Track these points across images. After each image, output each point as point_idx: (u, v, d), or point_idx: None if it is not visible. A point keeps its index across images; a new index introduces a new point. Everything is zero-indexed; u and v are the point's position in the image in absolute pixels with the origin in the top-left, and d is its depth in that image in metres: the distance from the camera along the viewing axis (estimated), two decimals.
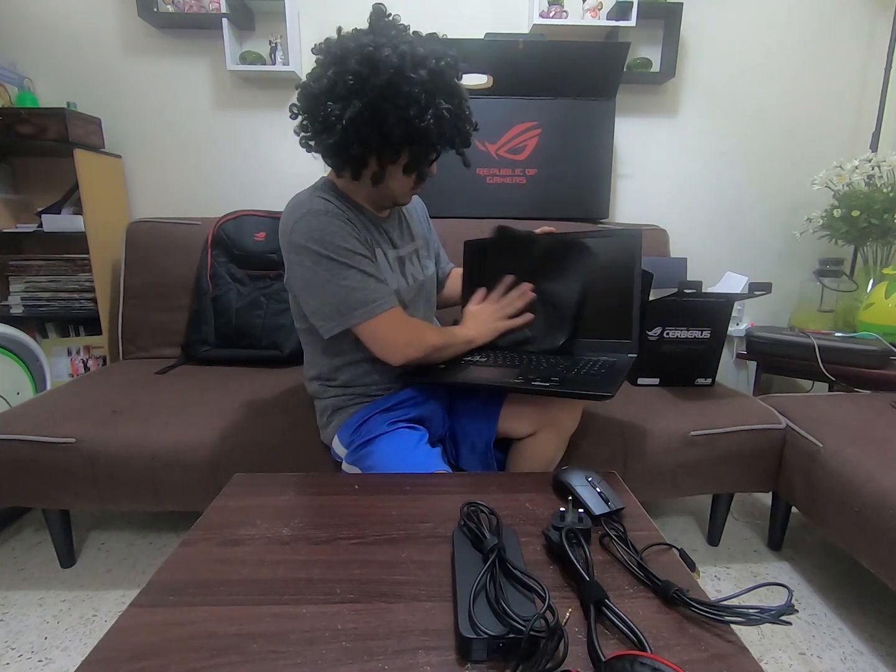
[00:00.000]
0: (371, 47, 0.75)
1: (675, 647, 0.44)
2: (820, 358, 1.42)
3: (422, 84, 0.75)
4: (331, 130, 0.78)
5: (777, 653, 1.00)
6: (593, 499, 0.64)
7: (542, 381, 0.83)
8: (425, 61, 0.76)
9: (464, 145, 0.87)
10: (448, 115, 0.78)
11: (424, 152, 0.83)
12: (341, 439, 0.97)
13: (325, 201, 0.84)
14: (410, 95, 0.75)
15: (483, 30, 1.72)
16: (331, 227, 0.82)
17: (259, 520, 0.63)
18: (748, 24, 1.82)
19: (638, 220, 1.88)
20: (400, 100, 0.75)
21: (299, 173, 1.84)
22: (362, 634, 0.45)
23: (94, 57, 1.73)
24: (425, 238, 1.08)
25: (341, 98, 0.76)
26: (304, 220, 0.82)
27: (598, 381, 0.82)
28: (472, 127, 0.87)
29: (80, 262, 1.65)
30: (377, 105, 0.75)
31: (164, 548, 1.31)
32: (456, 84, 0.81)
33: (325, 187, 0.89)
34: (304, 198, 0.85)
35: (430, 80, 0.76)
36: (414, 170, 0.84)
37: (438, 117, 0.77)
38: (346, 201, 0.89)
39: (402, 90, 0.75)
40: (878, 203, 1.60)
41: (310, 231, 0.81)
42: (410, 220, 1.04)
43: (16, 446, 1.06)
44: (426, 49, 0.77)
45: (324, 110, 0.77)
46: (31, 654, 0.99)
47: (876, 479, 0.93)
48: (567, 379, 0.84)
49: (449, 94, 0.79)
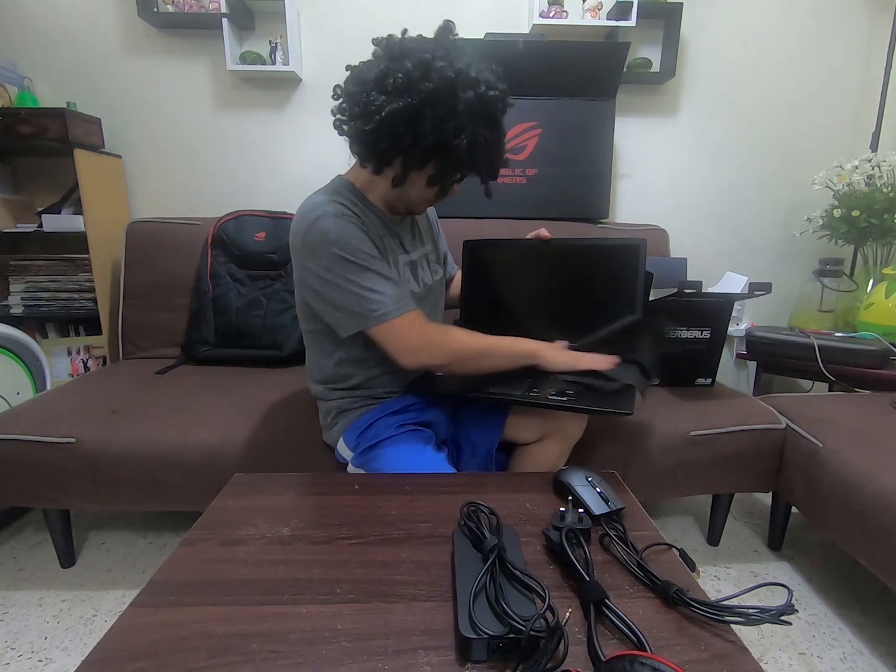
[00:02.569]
0: (429, 55, 0.76)
1: (675, 647, 0.44)
2: (820, 358, 1.42)
3: (467, 103, 0.76)
4: (368, 118, 0.78)
5: (777, 653, 1.00)
6: (593, 499, 0.64)
7: (557, 394, 0.83)
8: (477, 85, 0.77)
9: (490, 176, 0.88)
10: (483, 141, 0.79)
11: (450, 169, 0.83)
12: (347, 441, 0.96)
13: (341, 205, 0.83)
14: (453, 110, 0.76)
15: (483, 30, 1.71)
16: (347, 230, 0.82)
17: (259, 520, 0.63)
18: (748, 25, 1.82)
19: (638, 220, 1.88)
20: (441, 110, 0.76)
21: (299, 173, 1.84)
22: (362, 634, 0.45)
23: (94, 57, 1.73)
24: (434, 242, 1.09)
25: (387, 91, 0.77)
26: (320, 221, 0.81)
27: (614, 395, 0.82)
28: (503, 162, 0.88)
29: (80, 262, 1.65)
30: (418, 108, 0.76)
31: (164, 548, 1.31)
32: (498, 117, 0.82)
33: (341, 188, 0.88)
34: (320, 200, 0.84)
35: (475, 103, 0.77)
36: (437, 183, 0.84)
37: (473, 140, 0.78)
38: (362, 202, 0.89)
39: (446, 102, 0.76)
40: (878, 203, 1.60)
41: (326, 232, 0.81)
42: (421, 225, 1.04)
43: (16, 446, 1.06)
44: (481, 75, 0.78)
45: (366, 97, 0.78)
46: (31, 654, 0.99)
47: (876, 479, 0.93)
48: (582, 394, 0.83)
49: (489, 124, 0.80)
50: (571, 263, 1.03)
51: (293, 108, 1.81)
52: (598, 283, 1.00)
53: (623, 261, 0.96)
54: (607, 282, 0.98)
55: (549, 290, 1.04)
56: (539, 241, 1.04)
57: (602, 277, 0.99)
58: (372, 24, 1.70)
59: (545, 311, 1.05)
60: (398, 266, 0.92)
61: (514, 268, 1.08)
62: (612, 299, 0.98)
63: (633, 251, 0.95)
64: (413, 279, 0.95)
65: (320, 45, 1.75)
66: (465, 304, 1.12)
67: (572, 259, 1.03)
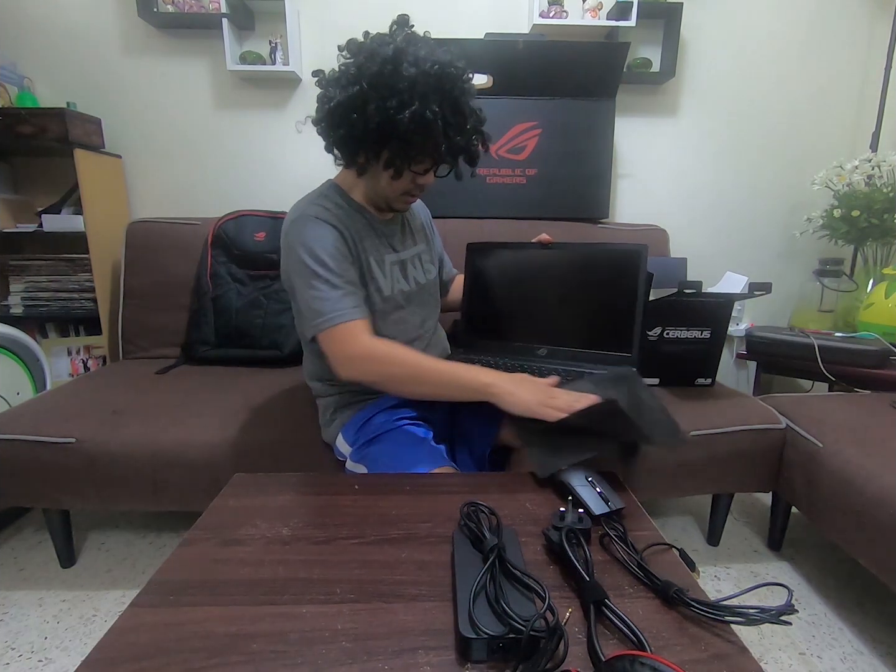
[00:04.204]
0: (377, 43, 0.79)
1: (675, 647, 0.44)
2: (820, 358, 1.42)
3: (409, 80, 0.76)
4: (324, 113, 0.82)
5: (777, 653, 1.00)
6: (593, 499, 0.64)
7: None
8: (421, 62, 0.77)
9: (451, 156, 0.85)
10: (431, 118, 0.77)
11: (402, 150, 0.81)
12: (346, 437, 0.97)
13: (322, 208, 0.86)
14: (394, 88, 0.76)
15: (483, 30, 1.71)
16: (316, 233, 0.84)
17: (259, 520, 0.63)
18: (748, 25, 1.82)
19: (638, 220, 1.88)
20: (383, 90, 0.77)
21: (299, 173, 1.84)
22: (362, 634, 0.45)
23: (94, 57, 1.73)
24: (429, 242, 1.09)
25: (341, 85, 0.79)
26: (297, 223, 0.85)
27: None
28: (470, 142, 0.85)
29: (80, 262, 1.65)
30: (366, 92, 0.78)
31: (164, 548, 1.31)
32: (453, 95, 0.79)
33: (327, 190, 0.91)
34: (304, 203, 0.88)
35: (419, 80, 0.76)
36: (392, 166, 0.83)
37: (419, 117, 0.76)
38: (347, 203, 0.91)
39: (387, 81, 0.76)
40: (878, 203, 1.60)
41: (298, 235, 0.84)
42: (413, 225, 1.05)
43: (16, 446, 1.06)
44: (429, 54, 0.78)
45: (324, 94, 0.82)
46: (31, 654, 0.99)
47: (876, 479, 0.93)
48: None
49: (440, 101, 0.78)
50: (573, 268, 1.03)
51: (293, 108, 1.81)
52: (599, 288, 1.00)
53: (624, 266, 0.97)
54: (608, 286, 0.99)
55: (550, 294, 1.05)
56: (541, 245, 1.05)
57: (603, 282, 0.99)
58: (372, 23, 1.69)
59: (546, 315, 1.05)
60: (383, 266, 0.92)
61: (516, 271, 1.08)
62: (612, 304, 0.98)
63: (635, 256, 0.95)
64: (403, 278, 0.96)
65: (320, 45, 1.75)
66: (467, 306, 1.12)
67: (573, 264, 1.03)
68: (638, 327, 0.95)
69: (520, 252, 1.08)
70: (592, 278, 1.01)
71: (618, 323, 0.97)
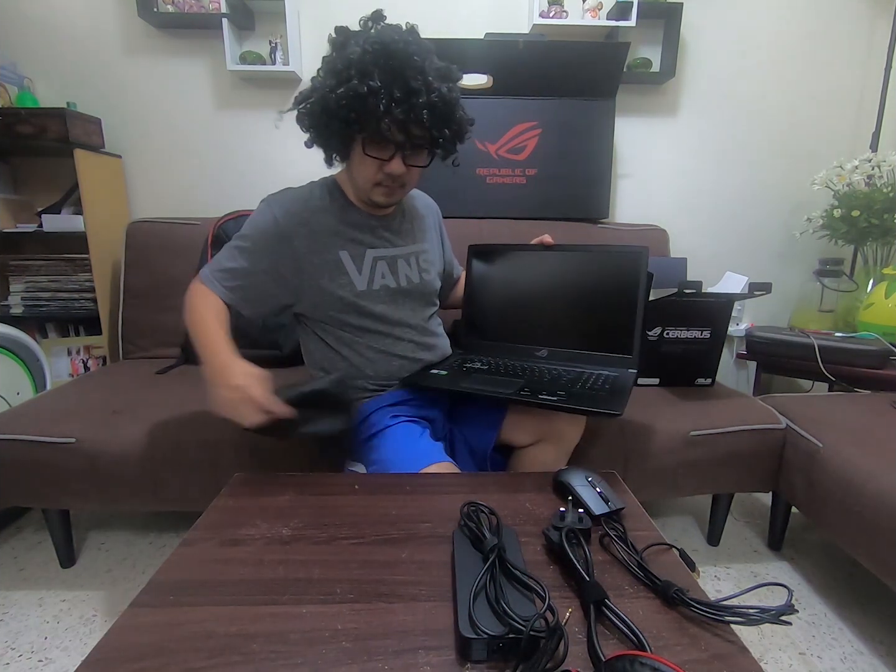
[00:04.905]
0: (343, 36, 0.81)
1: (675, 647, 0.44)
2: (820, 358, 1.42)
3: (347, 60, 0.77)
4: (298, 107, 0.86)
5: (777, 653, 1.00)
6: (593, 499, 0.64)
7: (548, 394, 0.83)
8: (366, 43, 0.77)
9: (406, 137, 0.80)
10: (366, 91, 0.74)
11: (346, 131, 0.81)
12: None
13: (295, 193, 0.92)
14: (333, 69, 0.79)
15: (483, 30, 1.71)
16: (260, 214, 0.89)
17: (259, 520, 0.63)
18: (748, 24, 1.82)
19: (638, 220, 1.88)
20: (329, 74, 0.80)
21: (299, 173, 1.84)
22: (362, 634, 0.45)
23: (94, 57, 1.73)
24: (433, 243, 1.07)
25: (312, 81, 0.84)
26: (267, 197, 0.91)
27: (605, 396, 0.82)
28: (428, 124, 0.78)
29: (80, 262, 1.65)
30: (315, 80, 0.82)
31: (164, 548, 1.31)
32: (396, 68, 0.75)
33: (321, 182, 0.95)
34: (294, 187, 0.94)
35: (359, 58, 0.76)
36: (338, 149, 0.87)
37: (354, 91, 0.75)
38: (342, 197, 0.93)
39: (332, 63, 0.80)
40: (878, 203, 1.60)
41: (260, 205, 0.91)
42: (417, 224, 1.03)
43: (16, 446, 1.06)
44: (380, 35, 0.78)
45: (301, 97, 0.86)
46: (31, 654, 0.98)
47: (876, 479, 0.93)
48: (574, 394, 0.83)
49: (381, 75, 0.75)
50: (574, 270, 1.03)
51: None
52: (600, 290, 1.00)
53: (625, 268, 0.97)
54: (609, 289, 0.99)
55: (551, 296, 1.05)
56: (542, 247, 1.04)
57: (604, 284, 1.00)
58: None
59: (546, 317, 1.05)
60: (359, 261, 0.92)
61: (517, 272, 1.08)
62: (613, 306, 0.99)
63: (636, 259, 0.96)
64: (391, 273, 0.95)
65: (320, 44, 1.74)
66: (468, 306, 1.13)
67: (574, 266, 1.03)
68: (639, 330, 0.95)
69: (521, 254, 1.08)
70: (593, 280, 1.01)
71: (618, 325, 0.97)
